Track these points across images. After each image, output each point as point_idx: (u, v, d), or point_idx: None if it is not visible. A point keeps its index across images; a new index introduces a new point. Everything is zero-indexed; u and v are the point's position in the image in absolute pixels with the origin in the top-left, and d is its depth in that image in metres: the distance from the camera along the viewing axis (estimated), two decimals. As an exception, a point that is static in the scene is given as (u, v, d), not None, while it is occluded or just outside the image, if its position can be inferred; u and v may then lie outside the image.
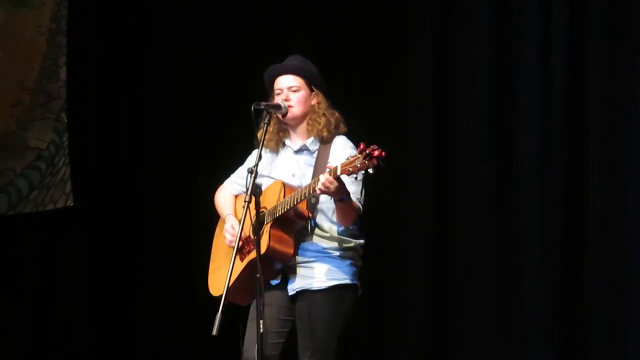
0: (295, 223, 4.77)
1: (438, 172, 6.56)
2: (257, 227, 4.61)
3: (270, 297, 4.76)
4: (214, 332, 4.43)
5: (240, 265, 4.81)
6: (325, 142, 4.90)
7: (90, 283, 7.73)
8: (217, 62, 7.42)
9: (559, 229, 6.16)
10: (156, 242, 7.57)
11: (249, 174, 4.65)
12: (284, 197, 4.72)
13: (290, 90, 4.92)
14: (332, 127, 4.92)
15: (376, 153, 4.35)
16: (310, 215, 4.78)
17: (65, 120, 7.94)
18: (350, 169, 4.40)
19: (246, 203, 4.58)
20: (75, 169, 7.85)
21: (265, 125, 4.84)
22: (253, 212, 4.61)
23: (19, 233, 7.98)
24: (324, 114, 4.92)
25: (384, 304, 6.56)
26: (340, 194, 4.57)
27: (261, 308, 4.53)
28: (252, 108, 4.80)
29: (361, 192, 4.77)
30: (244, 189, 4.77)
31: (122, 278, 7.62)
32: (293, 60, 5.03)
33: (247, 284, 4.68)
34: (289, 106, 4.90)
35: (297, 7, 7.19)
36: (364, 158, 4.36)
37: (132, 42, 7.74)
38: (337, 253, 4.83)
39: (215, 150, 7.32)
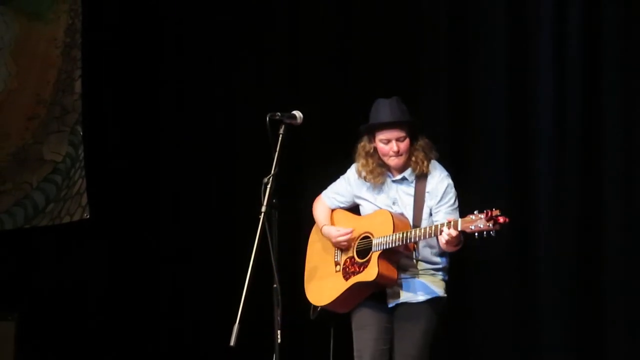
0: (402, 254, 5.11)
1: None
2: (272, 241, 4.74)
3: (370, 306, 5.17)
4: (232, 343, 4.46)
5: (344, 284, 5.17)
6: (421, 172, 5.18)
7: (108, 295, 7.74)
8: (232, 70, 7.45)
9: (575, 226, 6.16)
10: (174, 253, 7.58)
11: (265, 185, 4.77)
12: (394, 231, 5.03)
13: (398, 141, 5.13)
14: (429, 159, 5.17)
15: (501, 220, 4.68)
16: (416, 247, 5.11)
17: (81, 133, 7.97)
18: (473, 228, 4.74)
19: (263, 214, 4.70)
20: (91, 181, 7.87)
21: (281, 135, 4.89)
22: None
23: (35, 246, 8.00)
24: (423, 150, 5.17)
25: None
26: (458, 240, 4.92)
27: (278, 319, 4.67)
28: (268, 119, 4.87)
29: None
30: (341, 205, 5.35)
31: (140, 290, 7.63)
32: (395, 109, 5.16)
33: (348, 300, 5.16)
34: (398, 155, 5.12)
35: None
36: (488, 221, 4.70)
37: (147, 54, 7.76)
38: (432, 271, 5.16)
39: (231, 161, 7.34)
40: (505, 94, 6.41)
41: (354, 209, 5.35)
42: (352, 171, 5.31)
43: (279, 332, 4.62)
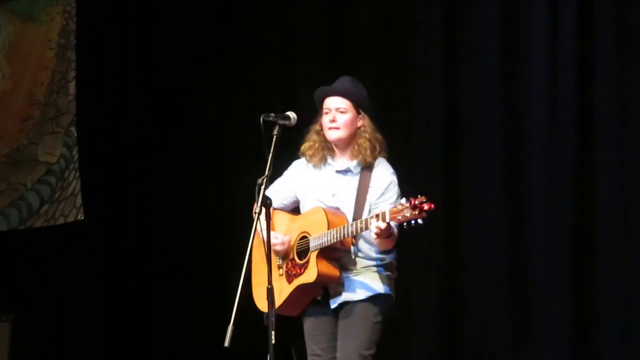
0: (340, 250, 4.98)
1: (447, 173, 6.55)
2: (268, 237, 4.73)
3: (317, 315, 5.06)
4: (226, 344, 4.45)
5: (289, 288, 5.04)
6: (367, 165, 5.05)
7: (102, 296, 7.74)
8: (226, 71, 7.45)
9: (569, 228, 6.14)
10: (168, 254, 7.58)
11: (259, 186, 4.71)
12: (329, 228, 4.91)
13: (337, 111, 5.04)
14: (376, 152, 5.06)
15: (426, 207, 4.57)
16: (354, 242, 4.98)
17: (75, 135, 7.97)
18: (400, 218, 4.62)
19: (256, 214, 4.67)
20: (85, 183, 7.87)
21: (275, 136, 4.85)
22: (263, 222, 4.74)
23: (30, 247, 8.00)
24: (369, 139, 5.05)
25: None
26: (388, 232, 4.79)
27: (273, 319, 4.62)
28: (261, 119, 4.83)
29: None
30: (285, 202, 5.17)
31: (135, 291, 7.63)
32: (344, 82, 5.12)
33: (296, 302, 5.02)
34: (335, 127, 5.02)
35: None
36: (413, 209, 4.58)
37: (141, 55, 7.76)
38: (375, 268, 5.03)
39: (224, 161, 7.34)
40: (499, 90, 6.39)
41: (296, 209, 5.21)
42: (296, 162, 5.19)
43: (273, 332, 4.59)
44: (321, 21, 7.12)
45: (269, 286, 4.62)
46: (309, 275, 4.93)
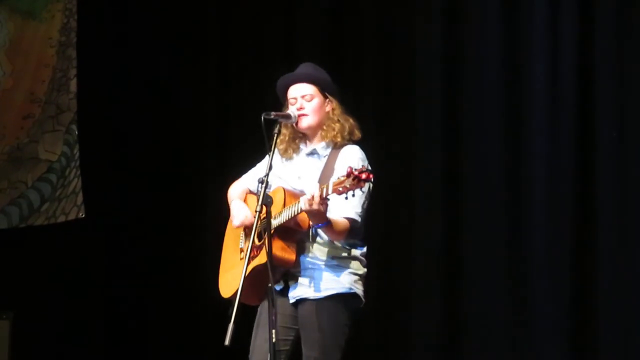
0: (296, 232, 4.74)
1: (447, 174, 6.55)
2: (269, 236, 4.60)
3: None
4: (227, 342, 4.42)
5: (246, 272, 4.76)
6: (337, 148, 4.88)
7: (103, 294, 7.75)
8: (228, 70, 7.46)
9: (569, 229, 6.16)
10: (169, 252, 7.59)
11: (260, 184, 4.64)
12: (285, 206, 4.70)
13: (304, 98, 4.88)
14: (345, 132, 4.89)
15: (363, 176, 4.38)
16: (311, 224, 4.73)
17: (76, 132, 7.97)
18: (340, 189, 4.42)
19: (257, 213, 4.58)
20: (86, 181, 7.87)
21: (276, 135, 4.80)
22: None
23: (30, 245, 8.00)
24: (338, 120, 4.89)
25: (391, 307, 6.56)
26: (320, 219, 4.57)
27: (273, 318, 4.52)
28: (262, 118, 4.74)
29: (362, 206, 4.76)
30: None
31: (136, 289, 7.64)
32: (305, 68, 5.00)
33: (252, 288, 4.65)
34: (303, 115, 4.87)
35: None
36: (353, 180, 4.38)
37: (142, 52, 7.76)
38: (337, 262, 4.78)
39: (225, 159, 7.35)
40: (499, 90, 6.40)
41: None
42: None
43: (273, 331, 4.56)
44: (322, 23, 7.12)
45: (270, 284, 4.51)
46: (263, 257, 4.61)
